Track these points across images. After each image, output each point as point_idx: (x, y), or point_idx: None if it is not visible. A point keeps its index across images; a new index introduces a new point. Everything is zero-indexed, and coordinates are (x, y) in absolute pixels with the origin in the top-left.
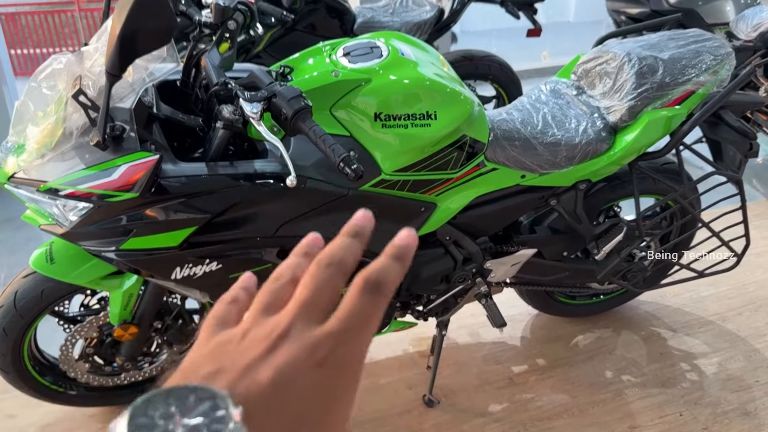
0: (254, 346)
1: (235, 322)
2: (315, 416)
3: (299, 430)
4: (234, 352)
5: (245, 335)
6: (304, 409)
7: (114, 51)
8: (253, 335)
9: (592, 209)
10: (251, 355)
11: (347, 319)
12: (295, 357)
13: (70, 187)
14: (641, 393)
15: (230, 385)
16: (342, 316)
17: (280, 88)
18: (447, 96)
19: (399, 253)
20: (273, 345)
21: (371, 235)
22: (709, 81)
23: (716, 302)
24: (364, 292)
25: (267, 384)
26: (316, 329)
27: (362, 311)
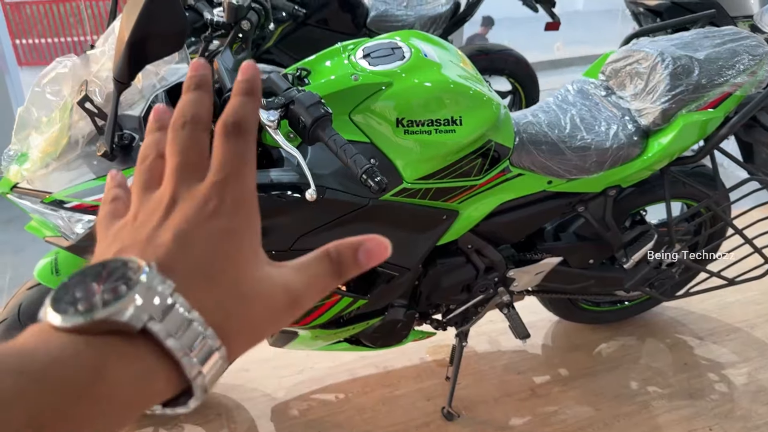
0: (148, 219)
1: (123, 214)
2: (225, 258)
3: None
4: (131, 231)
5: (136, 216)
6: (212, 254)
7: (122, 57)
8: (144, 212)
9: (620, 215)
10: (148, 228)
11: (222, 165)
12: (188, 215)
13: (76, 200)
14: (668, 405)
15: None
16: (217, 165)
17: (298, 94)
18: (473, 100)
19: (247, 88)
20: (165, 213)
21: (393, 246)
22: (747, 82)
23: (743, 308)
24: (228, 137)
25: (170, 243)
26: (199, 186)
27: (233, 154)
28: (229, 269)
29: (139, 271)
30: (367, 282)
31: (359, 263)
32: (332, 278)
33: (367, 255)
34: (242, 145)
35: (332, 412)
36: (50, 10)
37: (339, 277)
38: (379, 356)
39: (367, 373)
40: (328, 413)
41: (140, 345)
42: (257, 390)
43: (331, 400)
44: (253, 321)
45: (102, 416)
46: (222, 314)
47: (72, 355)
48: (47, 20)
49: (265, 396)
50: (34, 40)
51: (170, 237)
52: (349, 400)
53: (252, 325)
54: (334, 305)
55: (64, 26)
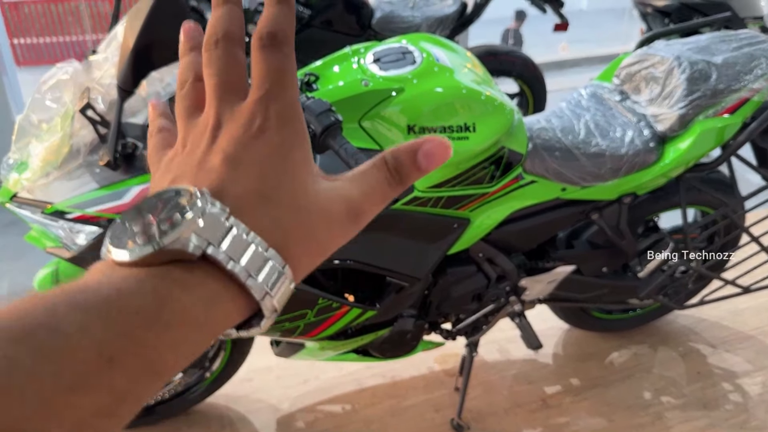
0: (196, 146)
1: (171, 143)
2: (277, 174)
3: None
4: (182, 160)
5: (185, 144)
6: (264, 171)
7: (126, 65)
8: (192, 139)
9: (634, 222)
10: (198, 154)
11: (263, 80)
12: (235, 135)
13: (78, 210)
14: (682, 416)
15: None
16: (258, 81)
17: (307, 101)
18: (486, 106)
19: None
20: (212, 137)
21: (403, 256)
22: (765, 87)
23: (756, 315)
24: (265, 50)
25: (220, 167)
26: (242, 104)
27: (273, 66)
28: (284, 185)
29: (192, 198)
30: (376, 293)
31: (419, 167)
32: (391, 186)
33: (428, 157)
34: (280, 56)
35: (339, 424)
36: (48, 9)
37: (399, 184)
38: (387, 366)
39: (375, 384)
40: (335, 425)
41: (203, 271)
42: (261, 401)
43: (337, 412)
44: (315, 235)
45: (174, 343)
46: (281, 232)
47: (135, 285)
48: (45, 19)
49: (270, 407)
50: (32, 39)
51: (220, 160)
52: (356, 412)
53: (315, 240)
54: (343, 317)
55: (63, 25)
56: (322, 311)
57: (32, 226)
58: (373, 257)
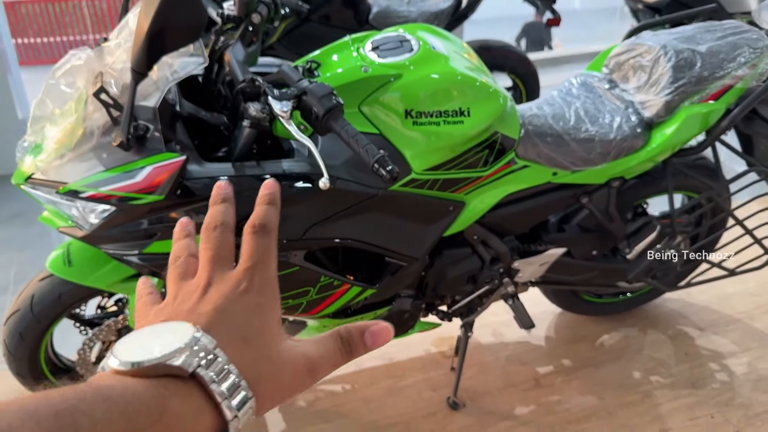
0: (188, 298)
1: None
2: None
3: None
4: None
5: (176, 298)
6: (247, 322)
7: (141, 48)
8: (183, 293)
9: (623, 206)
10: (190, 303)
11: (251, 256)
12: (224, 292)
13: (91, 189)
14: (671, 394)
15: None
16: (246, 255)
17: (310, 85)
18: (480, 91)
19: (270, 199)
20: (203, 291)
21: (401, 236)
22: (748, 75)
23: (743, 300)
24: (255, 234)
25: (211, 312)
26: (231, 272)
27: (260, 246)
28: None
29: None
30: (375, 273)
31: (365, 344)
32: (342, 355)
33: (373, 336)
34: (267, 240)
35: (339, 402)
36: (46, 8)
37: (349, 354)
38: (385, 348)
39: (373, 365)
40: (335, 404)
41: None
42: None
43: (337, 391)
44: (279, 382)
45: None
46: (254, 372)
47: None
48: (43, 19)
49: None
50: (31, 39)
51: (211, 308)
52: (355, 391)
53: (278, 386)
54: (343, 295)
55: (61, 25)
56: (323, 289)
57: (46, 207)
58: (372, 236)
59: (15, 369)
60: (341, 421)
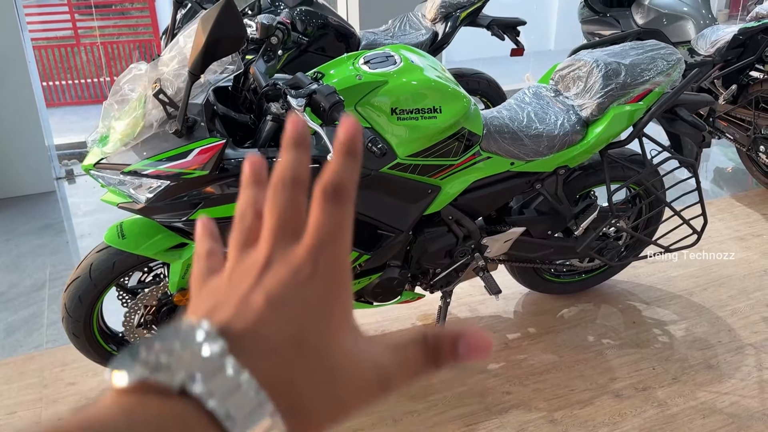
0: (242, 280)
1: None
2: (316, 325)
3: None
4: (225, 290)
5: (231, 275)
6: (303, 320)
7: (199, 54)
8: (239, 272)
9: (572, 193)
10: (242, 288)
11: (318, 231)
12: (281, 278)
13: (152, 168)
14: (619, 353)
15: (227, 317)
16: (313, 230)
17: (318, 86)
18: (449, 94)
19: (349, 148)
20: (259, 274)
21: (390, 211)
22: (664, 81)
23: (685, 280)
24: (326, 201)
25: (262, 306)
26: (295, 249)
27: (330, 219)
28: (321, 337)
29: (195, 333)
30: (370, 242)
31: (458, 356)
32: (426, 365)
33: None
34: (341, 211)
35: None
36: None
37: (434, 365)
38: (377, 323)
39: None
40: None
41: (186, 407)
42: None
43: None
44: (342, 396)
45: None
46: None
47: (142, 413)
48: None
49: None
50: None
51: (263, 299)
52: None
53: (340, 401)
54: None
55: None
56: None
57: (108, 189)
58: (367, 209)
59: (72, 329)
60: None
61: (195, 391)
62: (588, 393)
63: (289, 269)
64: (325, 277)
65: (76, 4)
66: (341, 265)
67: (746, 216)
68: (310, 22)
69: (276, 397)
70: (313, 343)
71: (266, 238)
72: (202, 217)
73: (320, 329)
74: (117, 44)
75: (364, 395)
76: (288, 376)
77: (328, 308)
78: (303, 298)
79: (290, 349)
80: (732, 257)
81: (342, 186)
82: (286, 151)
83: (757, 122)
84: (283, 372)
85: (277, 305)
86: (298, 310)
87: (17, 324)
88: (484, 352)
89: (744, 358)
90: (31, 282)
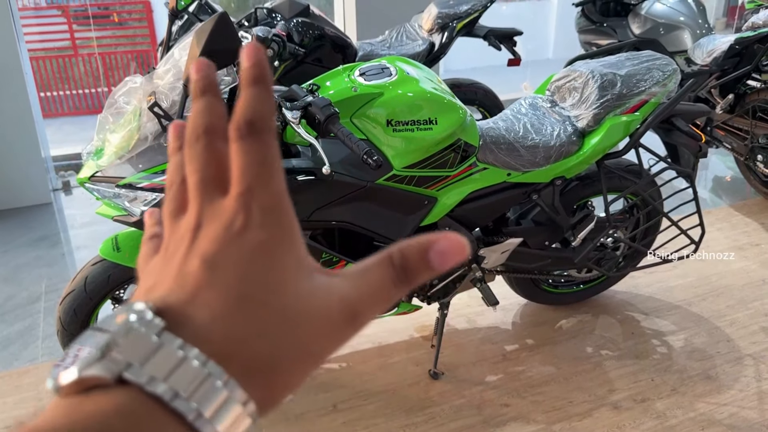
0: (177, 249)
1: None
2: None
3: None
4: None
5: (167, 248)
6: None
7: None
8: (173, 242)
9: (569, 204)
10: (177, 258)
11: (243, 174)
12: (215, 237)
13: (147, 181)
14: (618, 364)
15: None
16: (237, 175)
17: (314, 98)
18: (445, 105)
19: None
20: (191, 239)
21: (386, 222)
22: (660, 92)
23: (683, 291)
24: (243, 140)
25: (198, 271)
26: (223, 200)
27: (253, 157)
28: (271, 283)
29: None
30: (366, 254)
31: (430, 265)
32: (396, 285)
33: (442, 256)
34: (261, 145)
35: (336, 377)
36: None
37: (405, 283)
38: (375, 334)
39: (365, 347)
40: (334, 378)
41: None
42: None
43: (334, 368)
44: (308, 343)
45: None
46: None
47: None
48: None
49: None
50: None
51: (198, 264)
52: (350, 368)
53: (307, 349)
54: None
55: (78, 80)
56: (324, 264)
57: (103, 202)
58: (363, 221)
59: (67, 342)
60: (338, 391)
61: (132, 378)
62: (586, 405)
63: (221, 224)
64: (262, 222)
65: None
66: (277, 205)
67: (744, 225)
68: (307, 34)
69: (229, 364)
70: (260, 296)
71: (192, 199)
72: (151, 209)
73: (265, 280)
74: (115, 55)
75: (333, 334)
76: (240, 337)
77: (272, 255)
78: (240, 251)
79: (236, 310)
80: (730, 267)
81: (256, 119)
82: (195, 100)
83: (754, 131)
84: (234, 334)
85: (213, 266)
86: (237, 266)
87: (13, 337)
88: (459, 254)
89: (743, 369)
90: (27, 294)
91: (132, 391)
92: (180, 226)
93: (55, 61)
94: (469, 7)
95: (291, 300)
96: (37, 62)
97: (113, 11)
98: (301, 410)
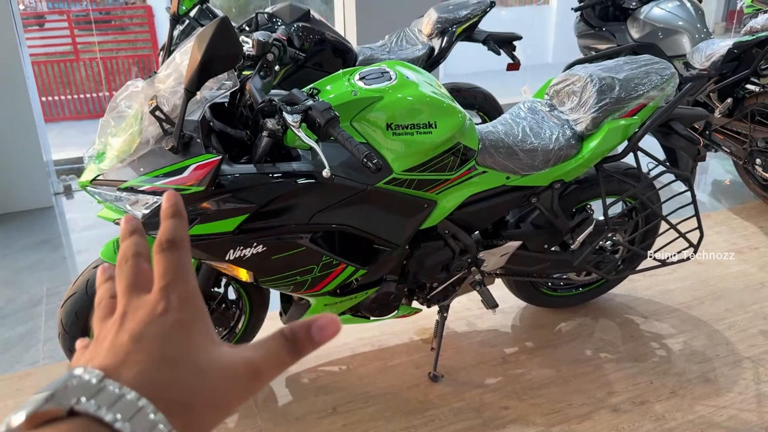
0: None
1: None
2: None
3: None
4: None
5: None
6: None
7: (195, 72)
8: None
9: (568, 207)
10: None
11: (163, 274)
12: (141, 318)
13: (148, 184)
14: (617, 367)
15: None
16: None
17: (314, 102)
18: (444, 109)
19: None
20: (120, 323)
21: (386, 225)
22: (658, 96)
23: (682, 294)
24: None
25: (127, 342)
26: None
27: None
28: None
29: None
30: (366, 257)
31: (313, 339)
32: (289, 354)
33: (320, 331)
34: (178, 255)
35: (337, 380)
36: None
37: (295, 353)
38: (375, 337)
39: (366, 350)
40: (334, 380)
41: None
42: None
43: (335, 371)
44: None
45: None
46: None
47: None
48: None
49: None
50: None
51: (127, 338)
52: (351, 371)
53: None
54: (341, 273)
55: (80, 85)
56: (324, 267)
57: (104, 205)
58: (363, 224)
59: (69, 346)
60: (339, 393)
61: (83, 407)
62: (586, 407)
63: (145, 310)
64: (179, 307)
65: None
66: (190, 295)
67: (743, 229)
68: (307, 38)
69: (156, 400)
70: (178, 356)
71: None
72: (103, 264)
73: (184, 345)
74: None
75: (239, 386)
76: (163, 385)
77: (188, 330)
78: (162, 328)
79: (159, 365)
80: (729, 270)
81: (173, 238)
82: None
83: (753, 135)
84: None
85: (139, 338)
86: (158, 337)
87: (14, 340)
88: (333, 328)
89: (742, 372)
90: (28, 297)
91: (83, 420)
92: (109, 322)
93: (56, 65)
94: (468, 11)
95: (203, 359)
96: (39, 67)
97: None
98: (301, 413)
